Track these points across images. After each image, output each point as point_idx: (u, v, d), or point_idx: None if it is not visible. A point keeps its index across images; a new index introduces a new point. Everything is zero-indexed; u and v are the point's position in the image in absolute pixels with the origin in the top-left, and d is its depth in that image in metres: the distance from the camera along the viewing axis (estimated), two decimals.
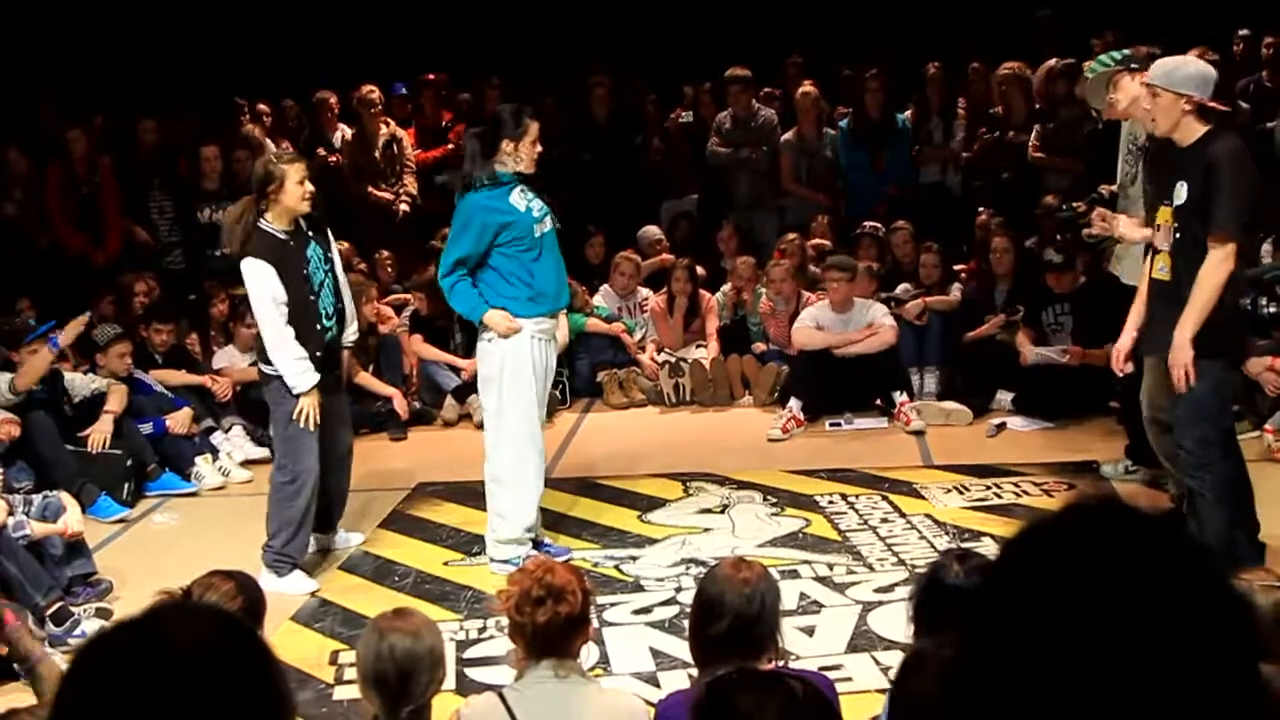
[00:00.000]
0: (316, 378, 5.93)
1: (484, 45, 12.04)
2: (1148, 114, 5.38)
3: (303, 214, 6.02)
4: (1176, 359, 5.22)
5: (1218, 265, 5.13)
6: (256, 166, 6.12)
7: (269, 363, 5.98)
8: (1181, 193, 5.24)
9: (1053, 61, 10.13)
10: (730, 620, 3.25)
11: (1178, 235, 5.29)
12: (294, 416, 5.94)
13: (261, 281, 5.86)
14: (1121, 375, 5.89)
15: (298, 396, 5.93)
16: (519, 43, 12.15)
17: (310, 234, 6.08)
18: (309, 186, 5.99)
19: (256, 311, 5.97)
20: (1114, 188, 6.62)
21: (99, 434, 7.34)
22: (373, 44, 11.83)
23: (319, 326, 6.03)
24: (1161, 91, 5.23)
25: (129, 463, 7.42)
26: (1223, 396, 5.37)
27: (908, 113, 10.50)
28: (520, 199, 5.95)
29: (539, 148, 6.01)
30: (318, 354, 5.98)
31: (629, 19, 12.62)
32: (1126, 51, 6.16)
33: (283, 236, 5.96)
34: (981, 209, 9.87)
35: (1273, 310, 5.17)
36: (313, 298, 6.00)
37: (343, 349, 6.36)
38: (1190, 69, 5.29)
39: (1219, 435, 5.35)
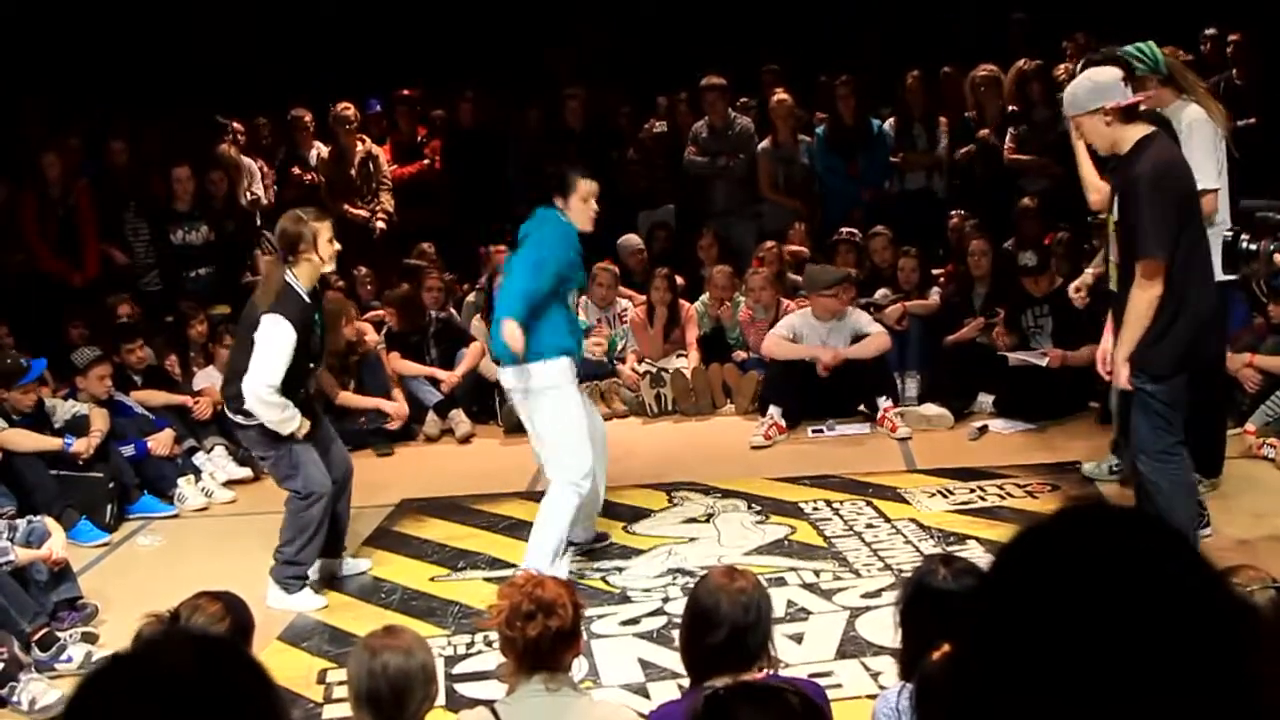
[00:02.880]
0: (299, 417, 5.93)
1: (457, 59, 12.04)
2: (1089, 141, 5.42)
3: (329, 272, 6.06)
4: (1115, 379, 5.35)
5: (1143, 291, 5.16)
6: (285, 225, 5.95)
7: (246, 414, 5.93)
8: (1116, 208, 5.30)
9: (1021, 62, 10.20)
10: (727, 630, 3.26)
11: (1119, 247, 5.35)
12: (285, 448, 5.97)
13: (281, 340, 5.79)
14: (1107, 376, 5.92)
15: (289, 439, 5.96)
16: (493, 56, 12.16)
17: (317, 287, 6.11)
18: (337, 245, 5.98)
19: (263, 364, 5.79)
20: None
21: (85, 444, 7.30)
22: (347, 60, 11.81)
23: (311, 365, 6.09)
24: (1082, 120, 5.28)
25: (111, 485, 7.39)
26: (1171, 413, 5.33)
27: (889, 120, 10.54)
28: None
29: (593, 208, 6.06)
30: (301, 390, 6.03)
31: (603, 31, 12.64)
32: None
33: (307, 299, 5.93)
34: (953, 212, 9.92)
35: (1252, 248, 5.22)
36: (310, 364, 6.08)
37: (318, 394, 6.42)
38: (1085, 84, 5.31)
39: (1175, 446, 5.37)
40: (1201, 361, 5.47)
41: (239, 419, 6.03)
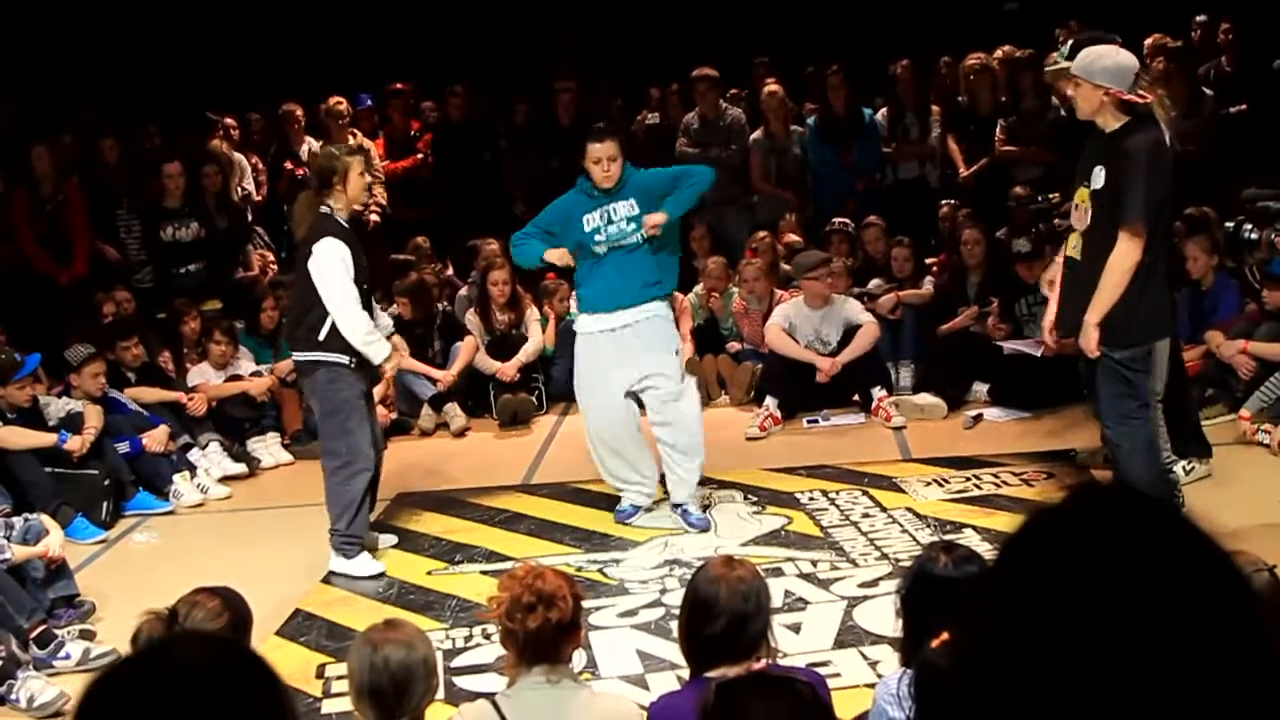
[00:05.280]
0: (389, 347, 6.16)
1: (449, 53, 12.02)
2: (1072, 98, 5.56)
3: (362, 204, 6.25)
4: (1084, 343, 5.48)
5: (1126, 254, 5.32)
6: (320, 158, 6.38)
7: (315, 348, 6.11)
8: (1099, 178, 5.41)
9: (1006, 48, 10.22)
10: (727, 620, 3.26)
11: (1091, 218, 5.47)
12: (344, 397, 6.13)
13: (339, 261, 6.04)
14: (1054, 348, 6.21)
15: (370, 375, 6.23)
16: (484, 49, 12.14)
17: None
18: (368, 177, 6.28)
19: (332, 291, 6.04)
20: None
21: (79, 441, 7.29)
22: (339, 55, 11.79)
23: (365, 288, 6.24)
24: (1082, 81, 5.39)
25: (106, 482, 7.39)
26: (1137, 381, 5.52)
27: (881, 111, 10.54)
28: (594, 216, 6.43)
29: (603, 168, 6.46)
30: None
31: (593, 24, 12.62)
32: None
33: (346, 226, 6.20)
34: (944, 201, 9.93)
35: (1254, 236, 5.28)
36: (366, 286, 6.21)
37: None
38: (1107, 62, 5.38)
39: (1139, 410, 5.54)
40: (1171, 333, 5.66)
41: (309, 355, 6.17)
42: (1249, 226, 7.67)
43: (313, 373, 6.21)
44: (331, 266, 6.04)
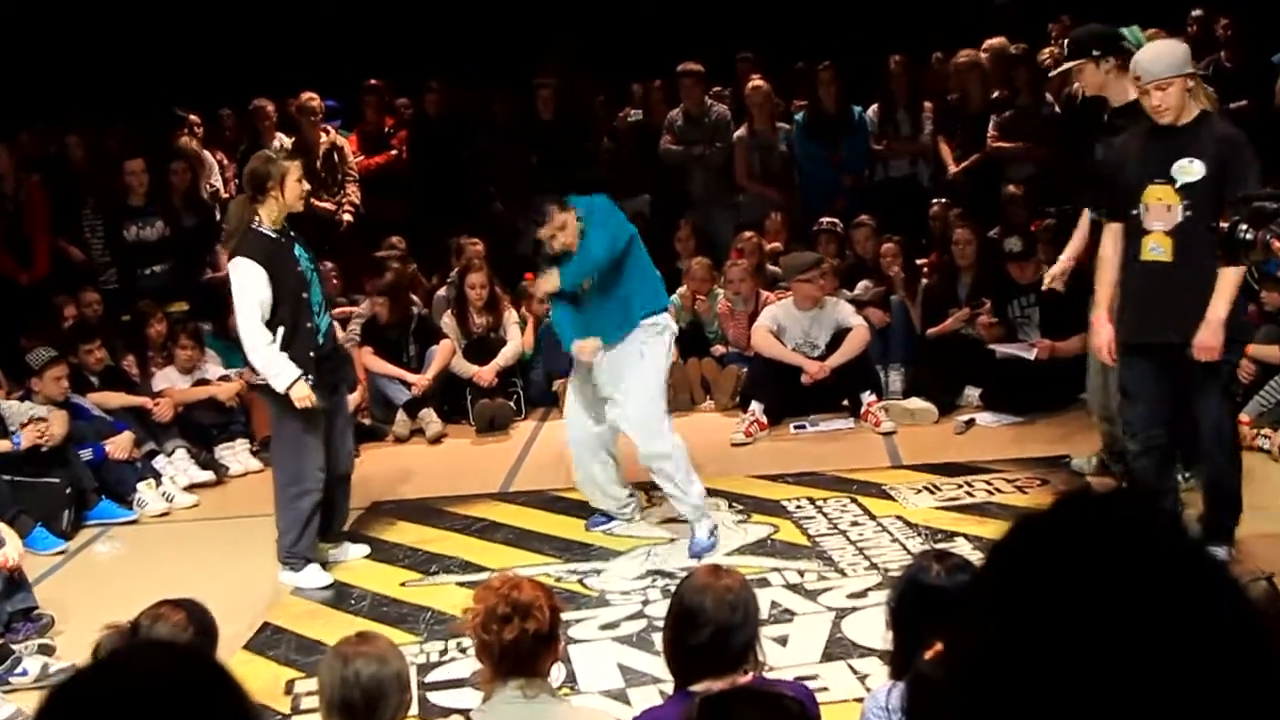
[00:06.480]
0: (297, 373, 6.00)
1: (425, 48, 11.99)
2: (1158, 106, 5.31)
3: (297, 211, 6.19)
4: (1208, 341, 5.27)
5: None
6: (254, 164, 6.17)
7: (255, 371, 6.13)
8: (1195, 169, 5.24)
9: (995, 42, 10.23)
10: (713, 630, 3.24)
11: (1187, 214, 5.27)
12: (294, 417, 6.08)
13: (249, 281, 5.95)
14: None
15: (331, 387, 6.20)
16: (460, 44, 12.12)
17: (293, 232, 6.23)
18: (306, 184, 6.19)
19: (239, 312, 6.03)
20: None
21: (33, 432, 7.22)
22: (311, 50, 11.75)
23: (310, 324, 6.12)
24: (1173, 79, 5.23)
25: (68, 490, 7.33)
26: (1229, 385, 5.50)
27: (871, 108, 10.54)
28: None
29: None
30: (311, 353, 6.08)
31: (574, 18, 12.61)
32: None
33: (274, 235, 6.07)
34: (935, 200, 9.93)
35: (1249, 237, 5.30)
36: (305, 295, 6.11)
37: (341, 350, 6.49)
38: (1180, 50, 5.36)
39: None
40: None
41: (257, 380, 6.21)
42: (1244, 227, 7.64)
43: (265, 391, 6.20)
44: (240, 288, 5.99)
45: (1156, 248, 5.38)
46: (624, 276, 6.30)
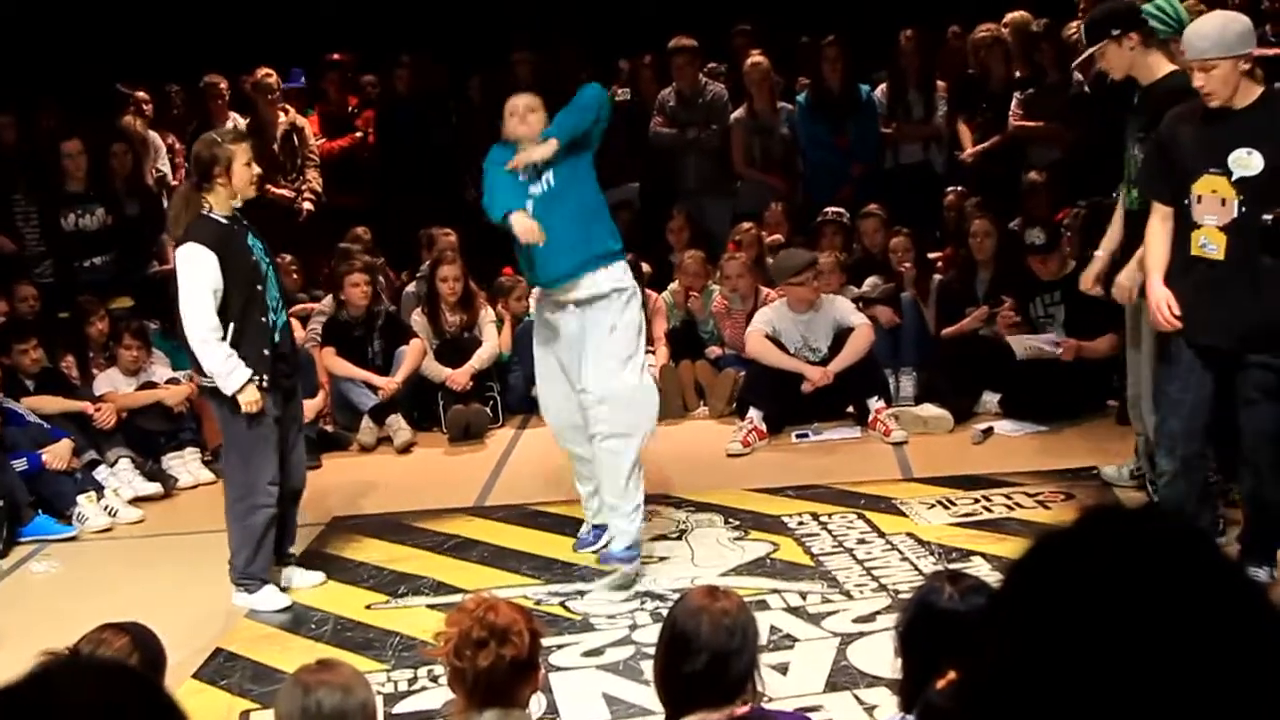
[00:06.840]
0: (248, 374, 5.98)
1: (393, 21, 11.99)
2: (1201, 88, 5.26)
3: (248, 198, 6.17)
4: None
5: None
6: (198, 148, 6.17)
7: (203, 373, 6.08)
8: (1254, 162, 5.18)
9: (1017, 15, 10.25)
10: (708, 657, 3.25)
11: (1243, 209, 5.21)
12: (245, 423, 6.05)
13: (199, 268, 5.92)
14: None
15: (284, 392, 6.17)
16: (431, 17, 12.11)
17: (245, 221, 6.22)
18: (256, 168, 6.16)
19: (186, 301, 5.96)
20: None
21: None
22: (268, 22, 11.74)
23: (265, 320, 6.10)
24: (1219, 61, 5.15)
25: (1, 504, 7.33)
26: None
27: (880, 87, 10.56)
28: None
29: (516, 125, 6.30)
30: (265, 351, 6.07)
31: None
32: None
33: (225, 223, 6.06)
34: (950, 189, 9.94)
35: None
36: (260, 288, 6.10)
37: (301, 352, 6.47)
38: (1237, 26, 5.25)
39: None
40: None
41: (205, 380, 6.14)
42: None
43: (214, 395, 6.16)
44: (188, 276, 5.94)
45: (1208, 244, 5.32)
46: (582, 187, 6.37)
